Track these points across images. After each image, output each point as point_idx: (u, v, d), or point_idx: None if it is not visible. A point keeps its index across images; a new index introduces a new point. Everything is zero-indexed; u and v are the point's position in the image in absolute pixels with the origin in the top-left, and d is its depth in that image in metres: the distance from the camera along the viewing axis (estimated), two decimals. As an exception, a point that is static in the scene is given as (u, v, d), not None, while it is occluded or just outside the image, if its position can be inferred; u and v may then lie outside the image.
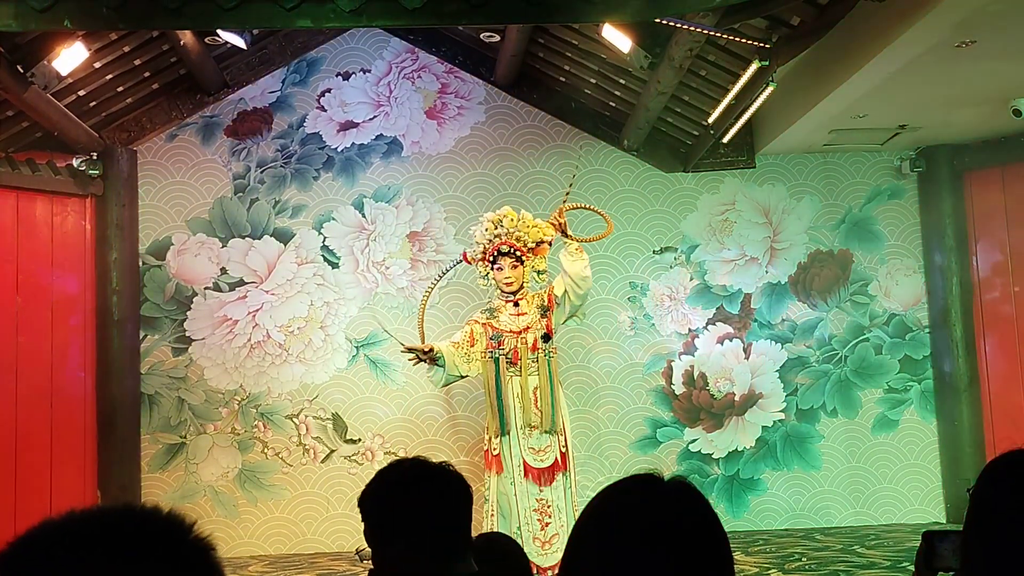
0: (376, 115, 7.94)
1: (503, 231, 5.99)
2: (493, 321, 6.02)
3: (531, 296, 6.05)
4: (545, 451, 5.86)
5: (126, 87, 7.33)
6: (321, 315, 7.75)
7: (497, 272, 6.01)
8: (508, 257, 5.98)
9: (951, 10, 4.88)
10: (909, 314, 7.91)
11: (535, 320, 5.99)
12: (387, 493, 2.05)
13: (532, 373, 5.93)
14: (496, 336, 5.96)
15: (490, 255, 6.03)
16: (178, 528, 0.97)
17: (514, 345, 5.93)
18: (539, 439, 5.86)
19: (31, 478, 6.96)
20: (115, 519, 0.96)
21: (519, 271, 6.00)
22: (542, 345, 5.93)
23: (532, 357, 5.92)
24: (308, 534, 7.62)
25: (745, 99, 6.41)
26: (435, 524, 1.99)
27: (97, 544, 0.92)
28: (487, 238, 6.03)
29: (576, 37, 7.02)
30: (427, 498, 2.02)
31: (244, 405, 7.68)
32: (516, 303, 6.01)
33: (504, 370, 5.91)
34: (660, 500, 1.29)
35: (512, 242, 5.97)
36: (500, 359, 5.92)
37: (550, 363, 5.93)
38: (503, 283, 6.00)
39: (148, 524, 0.96)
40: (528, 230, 6.00)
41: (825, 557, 6.54)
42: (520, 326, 5.98)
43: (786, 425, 7.82)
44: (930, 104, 6.65)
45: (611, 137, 7.92)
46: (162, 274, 7.71)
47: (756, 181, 7.96)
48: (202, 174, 7.84)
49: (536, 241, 5.99)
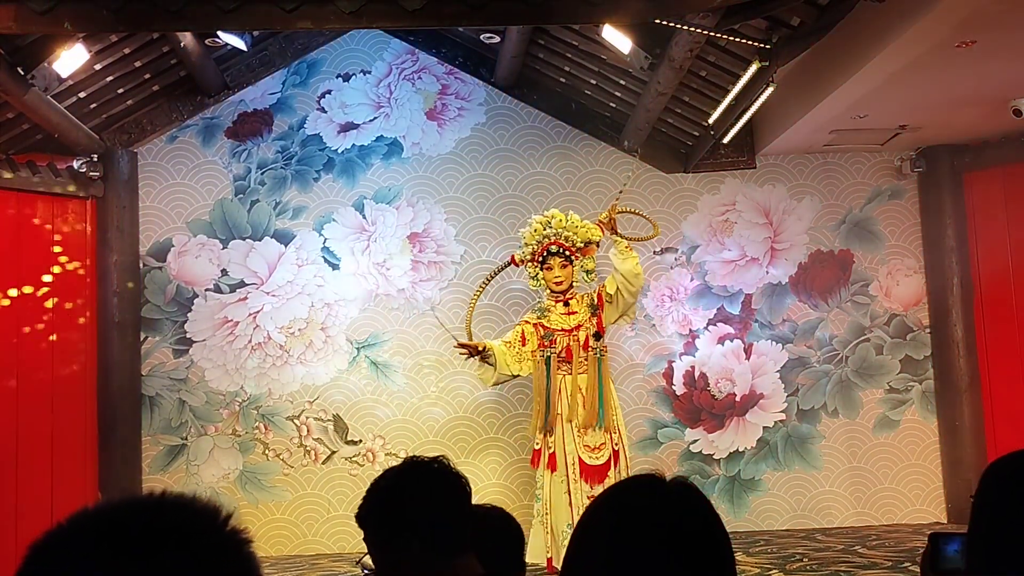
0: (376, 116, 7.94)
1: (551, 232, 6.19)
2: (544, 321, 6.21)
3: (580, 296, 6.25)
4: (600, 449, 6.03)
5: (126, 89, 7.33)
6: (322, 316, 7.75)
7: (547, 272, 6.22)
8: (557, 257, 6.20)
9: (951, 10, 4.88)
10: (910, 314, 7.90)
11: (586, 319, 6.17)
12: (383, 500, 2.03)
13: (583, 371, 6.11)
14: (548, 335, 6.14)
15: (539, 256, 6.22)
16: (213, 518, 0.96)
17: (566, 344, 6.12)
18: (593, 436, 6.02)
19: (32, 480, 6.95)
20: (151, 508, 0.95)
21: (568, 271, 6.22)
22: (593, 343, 6.09)
23: (584, 356, 6.11)
24: (309, 535, 7.62)
25: (745, 100, 6.41)
26: (433, 523, 1.98)
27: (131, 534, 0.91)
28: (536, 239, 6.24)
29: (576, 38, 7.02)
30: (423, 498, 2.00)
31: (245, 407, 7.68)
32: (566, 302, 6.19)
33: (555, 369, 6.09)
34: (662, 501, 1.29)
35: (561, 242, 6.17)
36: (552, 358, 6.10)
37: (600, 361, 6.09)
38: (553, 282, 6.21)
39: (184, 514, 0.95)
40: (576, 230, 6.21)
41: (826, 557, 6.54)
42: (571, 324, 6.18)
43: (787, 425, 7.82)
44: (930, 104, 6.65)
45: (611, 138, 7.92)
46: (163, 276, 7.71)
47: (756, 181, 7.96)
48: (202, 176, 7.84)
49: (584, 241, 6.20)
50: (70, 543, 0.93)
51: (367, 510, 2.04)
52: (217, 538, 0.95)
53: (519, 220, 7.86)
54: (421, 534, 1.96)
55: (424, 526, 1.96)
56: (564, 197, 7.85)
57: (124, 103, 7.49)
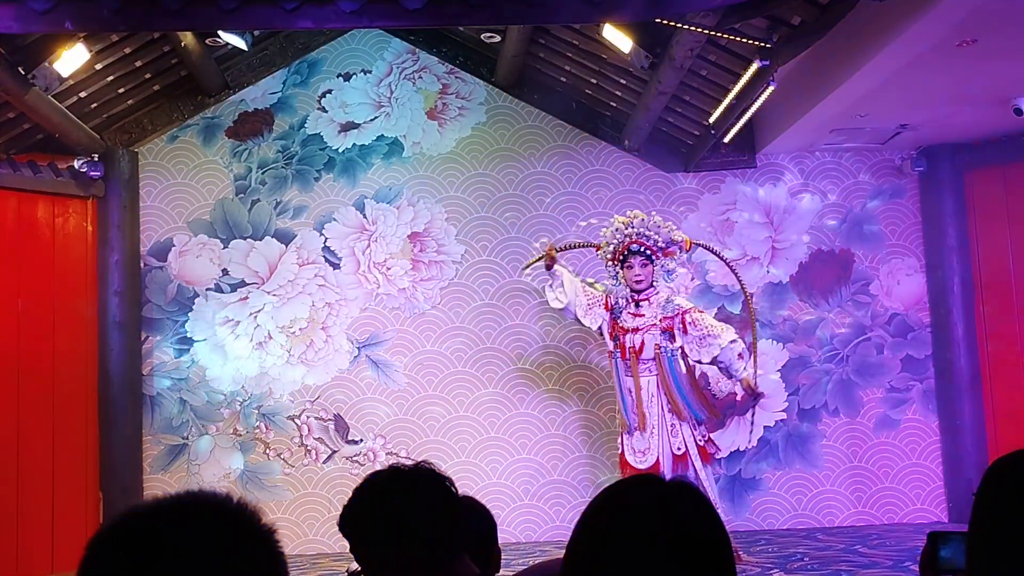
0: (377, 116, 7.94)
1: (633, 231, 6.34)
2: (617, 319, 6.41)
3: (657, 305, 6.37)
4: (644, 452, 6.24)
5: (127, 89, 7.33)
6: (322, 316, 7.75)
7: (627, 271, 6.36)
8: (638, 256, 6.34)
9: (952, 9, 4.88)
10: (910, 313, 7.90)
11: (650, 324, 6.31)
12: (366, 512, 1.99)
13: (642, 374, 6.27)
14: (616, 337, 6.36)
15: (620, 254, 6.36)
16: (249, 515, 1.05)
17: (627, 343, 6.29)
18: (638, 440, 6.25)
19: (33, 479, 6.96)
20: (195, 507, 1.04)
21: (649, 270, 6.36)
22: (664, 344, 6.26)
23: (642, 358, 6.26)
24: (310, 535, 7.62)
25: (746, 99, 6.41)
26: (422, 532, 1.95)
27: (180, 533, 1.00)
28: (618, 238, 6.38)
29: (577, 37, 7.02)
30: (408, 508, 1.97)
31: (246, 406, 7.68)
32: (638, 303, 6.33)
33: (622, 368, 6.31)
34: (662, 500, 1.29)
35: (642, 240, 6.32)
36: (618, 356, 6.32)
37: (672, 362, 6.28)
38: (633, 280, 6.35)
39: (224, 512, 1.05)
40: (659, 230, 6.38)
41: (827, 557, 6.54)
42: (632, 325, 6.30)
43: (788, 425, 7.81)
44: (931, 103, 6.65)
45: (612, 137, 7.92)
46: (163, 275, 7.71)
47: (757, 181, 7.96)
48: (203, 175, 7.84)
49: (667, 241, 6.36)
50: (122, 542, 1.01)
51: (354, 518, 2.00)
52: (254, 535, 1.04)
53: (519, 219, 7.87)
54: (411, 547, 1.94)
55: (414, 539, 1.94)
56: (565, 197, 7.85)
57: (125, 103, 7.50)
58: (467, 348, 7.78)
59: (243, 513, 1.05)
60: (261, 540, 1.05)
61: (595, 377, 7.78)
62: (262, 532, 1.05)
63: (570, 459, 7.73)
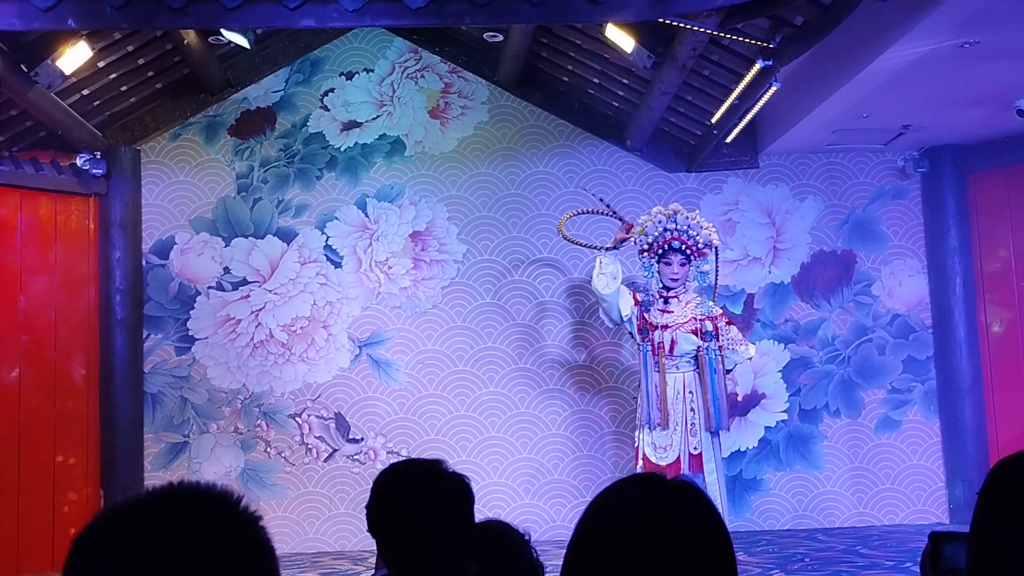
0: (379, 115, 7.94)
1: (675, 228, 6.18)
2: (645, 313, 6.30)
3: (691, 304, 6.28)
4: (665, 448, 6.18)
5: (130, 86, 7.33)
6: (324, 314, 7.75)
7: (664, 267, 6.22)
8: (679, 253, 6.20)
9: (955, 10, 4.88)
10: (912, 314, 7.90)
11: (680, 323, 6.22)
12: (387, 507, 2.00)
13: (670, 371, 6.19)
14: (644, 330, 6.26)
15: (659, 248, 6.20)
16: (231, 503, 1.06)
17: (656, 339, 6.22)
18: (660, 436, 6.17)
19: (34, 477, 6.96)
20: (180, 499, 1.05)
21: (686, 269, 6.23)
22: (707, 345, 6.17)
23: (673, 355, 6.20)
24: (311, 533, 7.62)
25: (748, 99, 6.40)
26: (437, 532, 1.95)
27: (164, 525, 1.01)
28: (658, 230, 6.20)
29: (579, 37, 7.02)
30: (427, 505, 1.97)
31: (247, 404, 7.68)
32: (667, 300, 6.23)
33: (651, 362, 6.21)
34: (663, 500, 1.29)
35: (684, 239, 6.18)
36: (648, 351, 6.21)
37: (715, 363, 6.17)
38: (669, 278, 6.21)
39: (206, 501, 1.05)
40: (700, 230, 6.25)
41: (828, 558, 6.54)
42: (662, 322, 6.22)
43: (789, 425, 7.81)
44: (934, 104, 6.65)
45: (614, 137, 7.92)
46: (165, 273, 7.71)
47: (759, 181, 7.95)
48: (205, 173, 7.84)
49: (704, 243, 6.24)
50: (105, 538, 1.01)
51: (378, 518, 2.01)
52: (236, 520, 1.05)
53: (521, 219, 7.87)
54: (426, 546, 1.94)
55: (430, 537, 1.95)
56: (567, 196, 7.85)
57: (127, 100, 7.50)
58: (468, 347, 7.78)
59: (228, 503, 1.06)
60: (247, 529, 1.05)
61: (596, 377, 7.78)
62: (247, 520, 1.06)
63: (570, 459, 7.73)
